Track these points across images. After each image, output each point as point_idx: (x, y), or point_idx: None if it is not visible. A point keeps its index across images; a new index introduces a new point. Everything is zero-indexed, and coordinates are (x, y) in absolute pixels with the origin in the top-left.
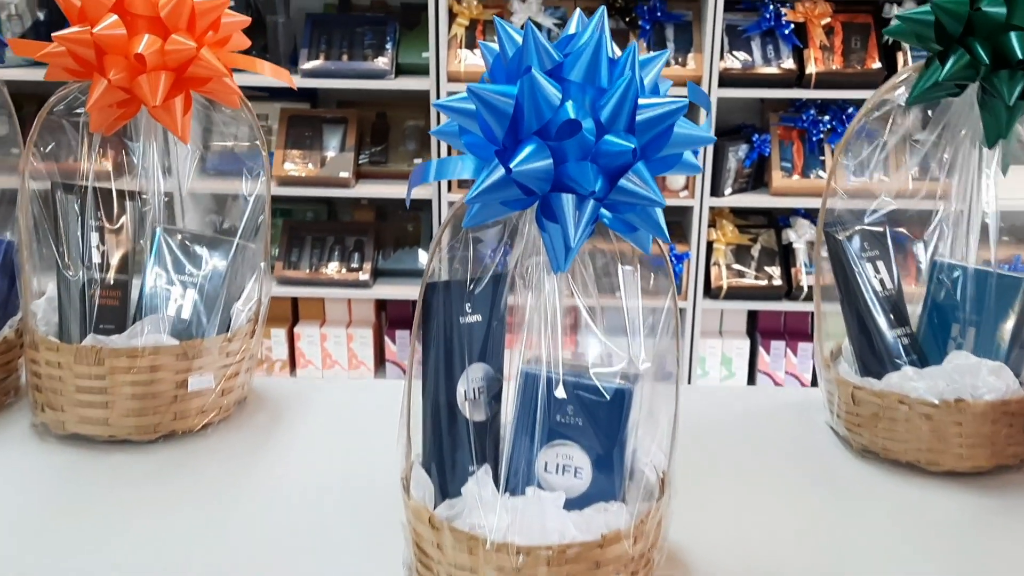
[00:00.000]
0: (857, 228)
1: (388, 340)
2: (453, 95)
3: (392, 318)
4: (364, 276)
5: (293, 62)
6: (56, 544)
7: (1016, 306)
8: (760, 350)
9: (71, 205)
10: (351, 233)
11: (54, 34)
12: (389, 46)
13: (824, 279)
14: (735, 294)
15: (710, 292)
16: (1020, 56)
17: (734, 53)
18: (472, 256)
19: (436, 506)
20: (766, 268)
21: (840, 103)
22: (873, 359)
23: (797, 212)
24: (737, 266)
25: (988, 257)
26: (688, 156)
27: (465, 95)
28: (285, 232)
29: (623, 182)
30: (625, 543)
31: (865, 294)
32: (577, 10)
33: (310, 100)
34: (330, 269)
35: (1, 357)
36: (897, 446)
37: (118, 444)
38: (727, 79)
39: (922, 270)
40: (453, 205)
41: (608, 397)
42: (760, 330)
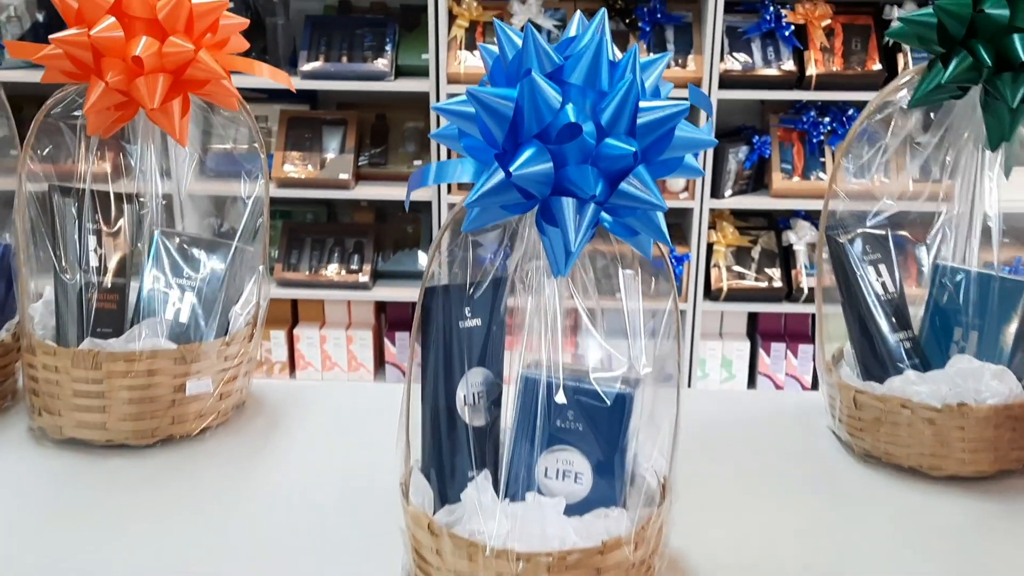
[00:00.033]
0: (859, 231)
1: (388, 342)
2: (453, 97)
3: (392, 320)
4: (364, 278)
5: (293, 64)
6: (53, 548)
7: (1019, 310)
8: (760, 352)
9: (68, 208)
10: (351, 235)
11: (51, 36)
12: (389, 48)
13: (825, 281)
14: (735, 296)
15: (710, 294)
16: (1023, 58)
17: (734, 55)
18: (472, 259)
19: (435, 512)
20: (766, 270)
21: (840, 105)
22: (875, 363)
23: (797, 214)
24: (737, 268)
25: (990, 260)
26: (689, 159)
27: (464, 98)
28: (285, 234)
29: (624, 186)
30: (626, 549)
31: (867, 297)
32: (577, 12)
33: (310, 102)
34: (330, 271)
35: None
36: (899, 451)
37: (115, 448)
38: (727, 81)
39: (924, 273)
40: (453, 207)
41: (609, 402)
42: (760, 332)
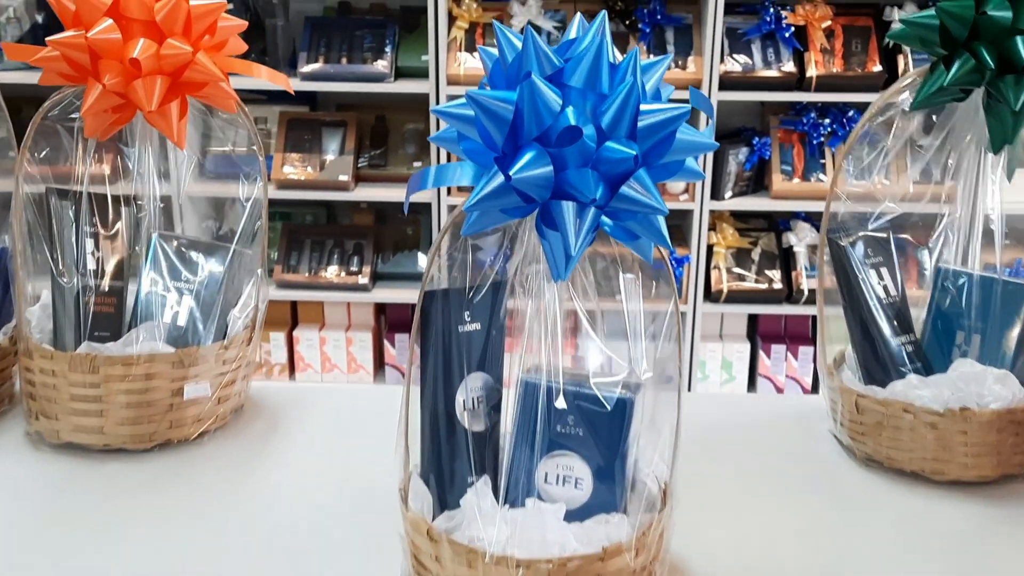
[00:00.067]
0: (860, 234)
1: (387, 344)
2: (452, 99)
3: (391, 322)
4: (363, 280)
5: (292, 65)
6: (51, 553)
7: (1022, 313)
8: (760, 354)
9: (66, 211)
10: (350, 236)
11: (48, 39)
12: (388, 49)
13: (825, 283)
14: (735, 298)
15: (710, 296)
16: None
17: (734, 56)
18: (471, 263)
19: (434, 518)
20: (766, 272)
21: (840, 106)
22: (877, 367)
23: (797, 215)
24: (737, 270)
25: (992, 262)
26: (690, 163)
27: (464, 101)
28: (284, 235)
29: (624, 189)
30: (627, 555)
31: (869, 301)
32: (578, 14)
33: (309, 103)
34: (329, 272)
35: None
36: (901, 455)
37: (113, 453)
38: (727, 82)
39: (926, 276)
40: (453, 210)
41: (609, 407)
42: (760, 334)
